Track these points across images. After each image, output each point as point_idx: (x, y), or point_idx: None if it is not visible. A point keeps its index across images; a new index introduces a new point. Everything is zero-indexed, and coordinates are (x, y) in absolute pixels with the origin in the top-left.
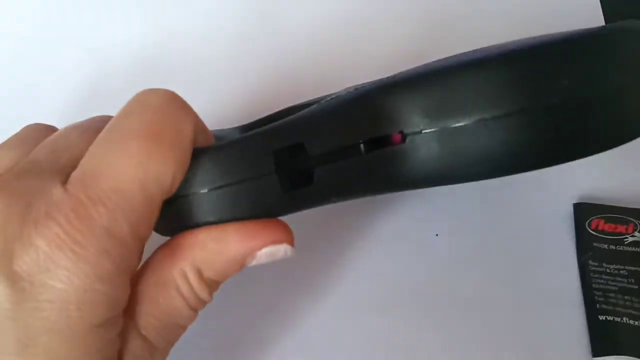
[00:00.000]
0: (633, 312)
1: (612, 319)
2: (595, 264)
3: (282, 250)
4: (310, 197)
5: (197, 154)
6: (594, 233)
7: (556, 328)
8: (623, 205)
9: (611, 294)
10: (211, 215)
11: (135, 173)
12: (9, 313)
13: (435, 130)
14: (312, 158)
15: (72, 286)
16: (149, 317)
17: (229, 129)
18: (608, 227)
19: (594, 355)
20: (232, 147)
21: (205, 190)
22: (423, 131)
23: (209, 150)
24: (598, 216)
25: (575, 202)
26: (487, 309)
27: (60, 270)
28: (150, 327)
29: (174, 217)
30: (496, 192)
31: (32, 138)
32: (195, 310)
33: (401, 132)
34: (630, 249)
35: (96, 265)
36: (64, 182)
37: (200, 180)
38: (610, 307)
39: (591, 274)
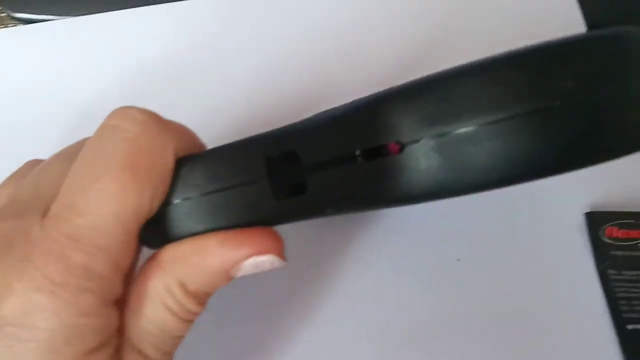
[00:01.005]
0: None
1: None
2: (614, 272)
3: (268, 261)
4: (304, 206)
5: (185, 161)
6: (609, 241)
7: (585, 343)
8: (635, 210)
9: (636, 302)
10: (198, 225)
11: (111, 209)
12: (2, 357)
13: (434, 139)
14: (306, 166)
15: (55, 324)
16: (140, 331)
17: None
18: (622, 233)
19: None
20: (222, 152)
21: (192, 198)
22: (421, 140)
23: (197, 156)
24: (611, 223)
25: (586, 211)
26: (512, 330)
27: (41, 312)
28: (143, 341)
29: (160, 229)
30: (502, 208)
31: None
32: (187, 321)
33: (398, 142)
34: None
35: (77, 303)
36: (44, 217)
37: (187, 187)
38: (637, 315)
39: (612, 283)
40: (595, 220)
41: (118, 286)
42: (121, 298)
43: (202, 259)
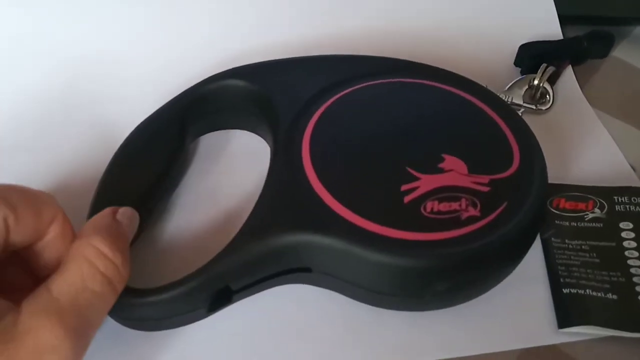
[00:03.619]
0: (595, 284)
1: (575, 291)
2: (557, 240)
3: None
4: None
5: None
6: (556, 211)
7: (523, 303)
8: (582, 184)
9: (574, 268)
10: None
11: None
12: None
13: (336, 278)
14: (236, 290)
15: None
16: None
17: None
18: (569, 205)
19: (560, 327)
20: (179, 289)
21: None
22: (327, 273)
23: (168, 286)
24: (559, 195)
25: None
26: None
27: None
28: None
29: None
30: None
31: None
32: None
33: (309, 268)
34: (590, 224)
35: None
36: None
37: (151, 306)
38: (573, 281)
39: (554, 250)
40: None
41: None
42: None
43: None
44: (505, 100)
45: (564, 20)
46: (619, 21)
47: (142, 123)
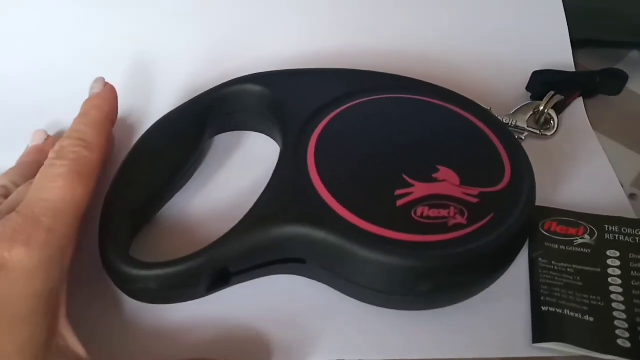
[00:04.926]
0: (575, 305)
1: (554, 310)
2: (544, 261)
3: None
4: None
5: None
6: (547, 234)
7: (501, 315)
8: (575, 210)
9: (556, 289)
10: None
11: (65, 197)
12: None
13: (328, 271)
14: (234, 273)
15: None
16: None
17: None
18: (560, 229)
19: (534, 342)
20: (182, 265)
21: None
22: (319, 265)
23: (172, 262)
24: (551, 219)
25: None
26: None
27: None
28: None
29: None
30: None
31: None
32: None
33: (304, 260)
34: (578, 249)
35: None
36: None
37: (154, 279)
38: (554, 300)
39: (540, 270)
40: (538, 214)
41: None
42: None
43: None
44: (509, 123)
45: None
46: (614, 45)
47: (163, 118)
